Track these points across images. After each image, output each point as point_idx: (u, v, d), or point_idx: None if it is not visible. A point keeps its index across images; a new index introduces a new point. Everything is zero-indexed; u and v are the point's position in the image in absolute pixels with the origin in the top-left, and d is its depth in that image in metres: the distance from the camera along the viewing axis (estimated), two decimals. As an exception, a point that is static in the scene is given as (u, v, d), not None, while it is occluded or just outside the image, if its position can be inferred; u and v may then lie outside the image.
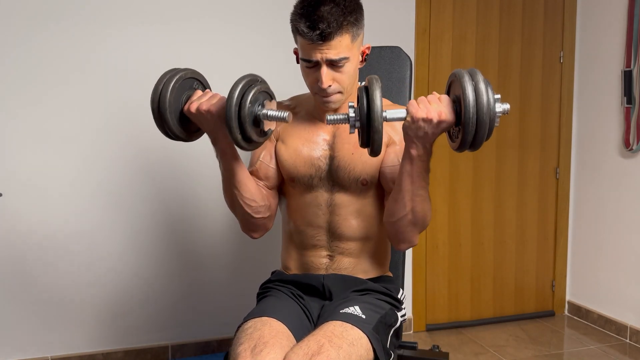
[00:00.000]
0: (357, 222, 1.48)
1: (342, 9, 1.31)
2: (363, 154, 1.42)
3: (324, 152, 1.47)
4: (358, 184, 1.45)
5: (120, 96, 2.41)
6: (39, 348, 2.42)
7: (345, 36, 1.32)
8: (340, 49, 1.33)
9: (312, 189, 1.48)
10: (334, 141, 1.47)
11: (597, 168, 3.04)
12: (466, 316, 3.09)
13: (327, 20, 1.29)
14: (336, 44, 1.32)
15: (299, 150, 1.47)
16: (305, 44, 1.33)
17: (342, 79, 1.38)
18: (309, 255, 1.51)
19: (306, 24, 1.30)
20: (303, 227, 1.50)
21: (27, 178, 2.35)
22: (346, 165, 1.44)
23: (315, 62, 1.34)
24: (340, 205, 1.47)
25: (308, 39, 1.31)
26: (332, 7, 1.30)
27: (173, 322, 2.59)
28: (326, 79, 1.36)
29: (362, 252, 1.50)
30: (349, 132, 1.29)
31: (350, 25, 1.32)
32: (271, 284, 1.55)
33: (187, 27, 2.47)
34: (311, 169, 1.46)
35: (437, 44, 2.90)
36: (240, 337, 1.31)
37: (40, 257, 2.39)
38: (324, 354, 1.19)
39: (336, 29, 1.30)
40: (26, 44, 2.30)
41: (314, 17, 1.29)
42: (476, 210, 3.06)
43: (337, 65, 1.35)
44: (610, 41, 2.92)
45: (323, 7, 1.30)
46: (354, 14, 1.33)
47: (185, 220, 2.57)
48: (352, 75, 1.40)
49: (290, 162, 1.48)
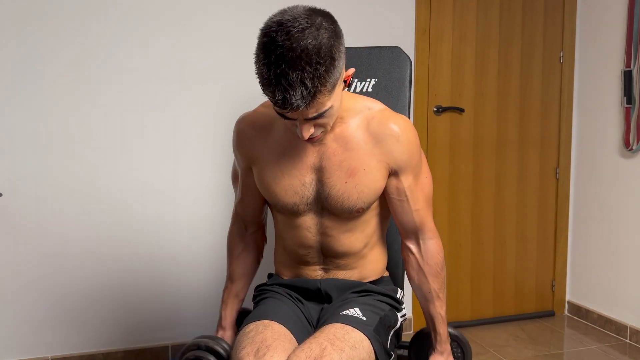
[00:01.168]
0: (351, 239, 1.41)
1: (316, 67, 1.08)
2: (359, 183, 1.32)
3: (308, 177, 1.34)
4: (353, 212, 1.36)
5: (120, 97, 2.41)
6: (39, 348, 2.42)
7: (324, 94, 1.13)
8: (318, 107, 1.15)
9: (298, 215, 1.38)
10: (322, 165, 1.33)
11: (597, 168, 3.04)
12: (466, 316, 3.09)
13: (300, 88, 1.08)
14: (314, 105, 1.14)
15: (278, 178, 1.35)
16: (276, 108, 1.17)
17: (325, 123, 1.22)
18: (304, 269, 1.48)
19: (275, 94, 1.10)
20: (295, 247, 1.45)
21: (27, 178, 2.35)
22: (339, 195, 1.33)
23: (292, 119, 1.20)
24: (332, 227, 1.39)
25: (280, 109, 1.14)
26: (303, 68, 1.08)
27: (173, 322, 2.59)
28: (306, 132, 1.20)
29: (358, 263, 1.46)
30: (339, 155, 1.29)
31: (326, 83, 1.12)
32: (268, 287, 1.53)
33: (189, 27, 2.48)
34: (294, 197, 1.35)
35: (437, 44, 2.90)
36: (243, 340, 1.29)
37: (40, 257, 2.39)
38: (326, 357, 1.18)
39: (313, 96, 1.11)
40: (27, 44, 2.30)
41: (284, 84, 1.08)
42: (476, 210, 3.06)
43: (318, 117, 1.18)
44: (610, 41, 2.92)
45: (292, 68, 1.07)
46: (332, 64, 1.11)
47: (184, 221, 2.57)
48: (336, 113, 1.24)
49: (270, 190, 1.37)
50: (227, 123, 2.51)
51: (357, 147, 1.32)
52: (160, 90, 2.45)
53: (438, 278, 1.44)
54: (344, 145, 1.32)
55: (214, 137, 2.55)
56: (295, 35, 1.08)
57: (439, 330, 1.46)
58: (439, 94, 2.92)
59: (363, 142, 1.32)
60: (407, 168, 1.35)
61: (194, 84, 2.50)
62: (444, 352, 1.46)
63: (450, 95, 2.94)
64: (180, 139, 2.51)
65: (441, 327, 1.46)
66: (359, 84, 1.83)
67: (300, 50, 1.08)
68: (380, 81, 1.82)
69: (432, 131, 2.93)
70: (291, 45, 1.08)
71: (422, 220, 1.41)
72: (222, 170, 2.57)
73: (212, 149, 2.56)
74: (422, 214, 1.41)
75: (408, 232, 1.43)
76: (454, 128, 2.96)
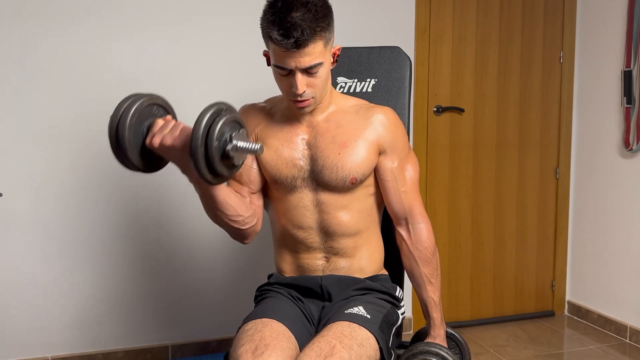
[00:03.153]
0: (347, 217, 1.46)
1: (314, 14, 1.29)
2: (352, 153, 1.43)
3: (304, 152, 1.45)
4: (346, 183, 1.44)
5: (120, 96, 2.41)
6: (39, 348, 2.42)
7: (318, 42, 1.31)
8: (314, 56, 1.32)
9: (295, 190, 1.46)
10: (316, 140, 1.45)
11: (597, 168, 3.04)
12: (466, 316, 3.09)
13: (300, 27, 1.27)
14: (310, 51, 1.30)
15: (279, 151, 1.46)
16: (278, 51, 1.31)
17: (315, 83, 1.37)
18: (304, 258, 1.50)
19: (279, 31, 1.28)
20: (294, 230, 1.48)
21: (27, 178, 2.35)
22: (332, 165, 1.42)
23: (289, 69, 1.33)
24: (327, 203, 1.46)
25: (282, 47, 1.29)
26: (304, 13, 1.28)
27: (173, 322, 2.59)
28: (301, 85, 1.34)
29: (357, 250, 1.49)
30: (332, 132, 1.35)
31: (323, 31, 1.31)
32: (269, 287, 1.54)
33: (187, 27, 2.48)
34: (293, 169, 1.45)
35: (437, 44, 2.90)
36: (241, 338, 1.30)
37: (40, 257, 2.39)
38: (336, 355, 1.20)
39: (310, 36, 1.28)
40: (27, 43, 2.30)
41: (287, 24, 1.27)
42: (476, 210, 3.06)
43: (311, 71, 1.34)
44: (610, 41, 2.92)
45: (295, 13, 1.27)
46: (325, 18, 1.32)
47: (184, 221, 2.57)
48: (325, 78, 1.39)
49: (272, 163, 1.46)
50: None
51: (348, 124, 1.46)
52: (161, 90, 2.44)
53: (429, 263, 1.50)
54: (335, 124, 1.46)
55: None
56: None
57: (432, 315, 1.51)
58: (439, 94, 2.92)
59: (353, 122, 1.47)
60: (393, 150, 1.48)
61: (195, 83, 2.51)
62: (436, 337, 1.49)
63: (450, 95, 2.95)
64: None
65: (434, 312, 1.50)
66: (359, 84, 1.83)
67: (302, 2, 1.29)
68: (380, 81, 1.82)
69: (432, 131, 2.93)
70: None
71: (410, 203, 1.50)
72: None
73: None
74: (410, 197, 1.50)
75: (399, 216, 1.51)
76: (454, 128, 2.97)
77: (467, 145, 3.00)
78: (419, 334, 1.58)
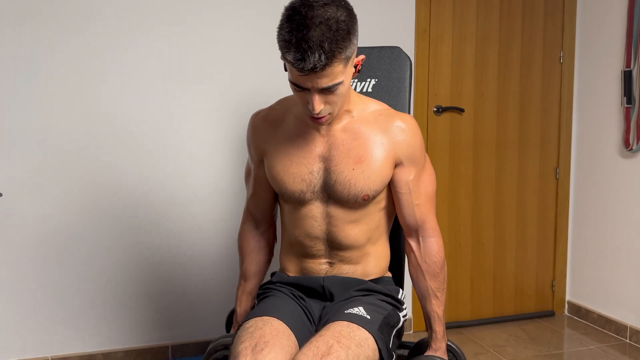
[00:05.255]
0: (355, 231, 1.44)
1: (334, 34, 1.18)
2: (366, 169, 1.37)
3: (317, 166, 1.40)
4: (358, 199, 1.39)
5: (120, 96, 2.42)
6: (39, 348, 2.42)
7: (338, 64, 1.21)
8: (332, 77, 1.22)
9: (304, 203, 1.43)
10: (330, 154, 1.39)
11: (597, 168, 3.04)
12: (466, 316, 3.09)
13: (318, 51, 1.16)
14: (329, 73, 1.21)
15: (287, 166, 1.41)
16: (294, 71, 1.22)
17: (334, 100, 1.29)
18: (308, 262, 1.50)
19: (295, 55, 1.17)
20: (301, 238, 1.47)
21: (27, 178, 2.35)
22: (346, 182, 1.38)
23: (306, 88, 1.26)
24: (337, 217, 1.42)
25: (298, 70, 1.20)
26: (323, 32, 1.17)
27: (173, 322, 2.59)
28: (317, 105, 1.26)
29: (362, 258, 1.48)
30: (348, 144, 1.34)
31: (343, 51, 1.21)
32: (272, 285, 1.54)
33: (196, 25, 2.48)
34: (301, 184, 1.40)
35: (437, 44, 2.90)
36: (242, 335, 1.31)
37: (40, 258, 2.39)
38: (333, 355, 1.20)
39: (329, 60, 1.18)
40: (26, 43, 2.30)
41: (304, 46, 1.16)
42: (476, 210, 3.06)
43: (330, 90, 1.25)
44: (610, 41, 2.92)
45: (313, 31, 1.16)
46: (348, 36, 1.20)
47: (185, 221, 2.57)
48: (345, 94, 1.32)
49: (278, 178, 1.43)
50: (235, 122, 2.53)
51: (365, 137, 1.39)
52: (161, 89, 2.45)
53: (436, 277, 1.47)
54: (352, 135, 1.39)
55: (217, 136, 2.56)
56: (317, 8, 1.19)
57: (435, 328, 1.49)
58: (439, 94, 2.92)
59: (371, 133, 1.39)
60: (411, 161, 1.42)
61: (194, 83, 2.51)
62: (437, 350, 1.48)
63: (450, 96, 2.95)
64: (181, 137, 2.51)
65: (437, 326, 1.48)
66: (359, 84, 1.83)
67: (322, 19, 1.18)
68: (380, 81, 1.82)
69: (432, 131, 2.93)
70: (314, 14, 1.18)
71: (423, 217, 1.46)
72: (224, 171, 2.57)
73: (215, 148, 2.56)
74: (424, 210, 1.46)
75: (410, 228, 1.48)
76: (454, 128, 2.97)
77: (467, 145, 3.00)
78: (419, 345, 1.58)
